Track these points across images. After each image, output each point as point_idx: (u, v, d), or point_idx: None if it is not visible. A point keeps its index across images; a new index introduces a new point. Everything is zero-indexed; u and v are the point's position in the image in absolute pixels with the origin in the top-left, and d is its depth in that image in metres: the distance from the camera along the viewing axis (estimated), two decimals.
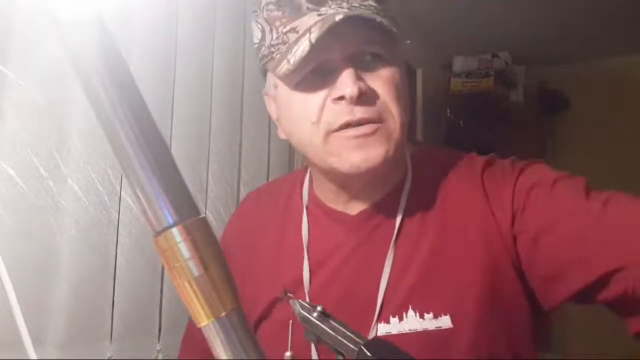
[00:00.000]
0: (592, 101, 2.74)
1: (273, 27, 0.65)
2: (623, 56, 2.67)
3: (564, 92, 2.83)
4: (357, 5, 0.62)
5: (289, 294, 0.60)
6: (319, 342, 0.53)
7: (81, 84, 0.29)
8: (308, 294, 0.68)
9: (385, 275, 0.66)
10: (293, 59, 0.62)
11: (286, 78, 0.65)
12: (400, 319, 0.64)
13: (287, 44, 0.63)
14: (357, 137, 0.62)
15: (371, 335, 0.63)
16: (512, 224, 0.64)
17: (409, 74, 0.73)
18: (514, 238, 0.64)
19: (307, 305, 0.54)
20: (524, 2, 2.16)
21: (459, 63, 2.73)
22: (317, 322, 0.53)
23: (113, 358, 0.92)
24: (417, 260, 0.66)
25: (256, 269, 0.73)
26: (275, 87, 0.69)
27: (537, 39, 2.54)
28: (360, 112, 0.62)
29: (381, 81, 0.64)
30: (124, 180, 0.90)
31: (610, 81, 2.69)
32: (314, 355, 0.65)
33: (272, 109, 0.72)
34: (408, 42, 0.69)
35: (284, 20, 0.64)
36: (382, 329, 0.64)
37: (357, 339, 0.51)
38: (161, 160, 0.29)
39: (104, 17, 0.29)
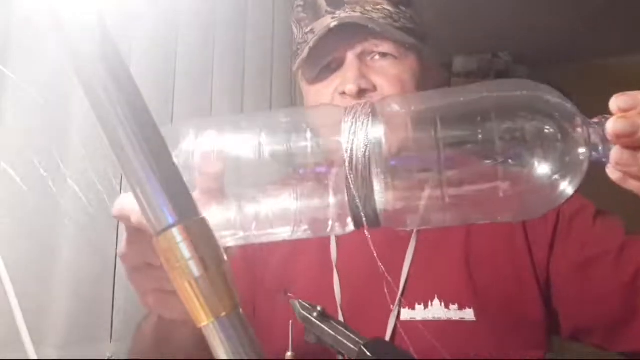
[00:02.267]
0: (592, 101, 2.74)
1: (299, 27, 0.75)
2: (623, 56, 2.66)
3: (564, 92, 2.83)
4: (370, 9, 0.69)
5: (289, 294, 0.60)
6: (319, 342, 0.53)
7: (81, 84, 0.29)
8: (336, 266, 0.72)
9: (407, 262, 0.69)
10: (297, 61, 0.71)
11: (302, 73, 0.74)
12: (426, 306, 0.66)
13: (307, 43, 0.71)
14: None
15: (392, 319, 0.66)
16: (552, 244, 0.69)
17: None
18: (548, 257, 0.69)
19: (307, 305, 0.54)
20: (525, 2, 2.16)
21: (459, 63, 2.73)
22: (317, 322, 0.53)
23: (113, 358, 0.92)
24: (441, 253, 0.70)
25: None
26: (302, 79, 0.77)
27: (537, 38, 2.54)
28: None
29: (386, 77, 0.69)
30: (124, 180, 0.90)
31: (610, 81, 2.69)
32: None
33: None
34: (414, 43, 0.73)
35: (307, 21, 0.73)
36: (407, 315, 0.66)
37: (357, 339, 0.51)
38: (161, 160, 0.29)
39: (104, 16, 0.29)
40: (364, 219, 0.39)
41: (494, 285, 0.68)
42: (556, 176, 0.36)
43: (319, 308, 0.54)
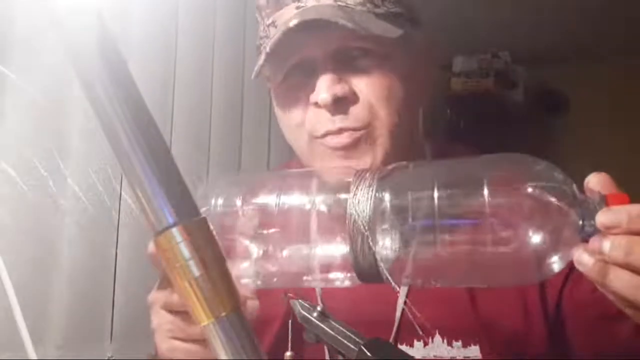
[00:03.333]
0: (592, 101, 2.74)
1: (261, 18, 0.61)
2: (623, 56, 2.66)
3: (564, 92, 2.83)
4: None
5: (288, 294, 0.60)
6: (319, 342, 0.53)
7: (81, 84, 0.29)
8: (320, 298, 0.64)
9: (402, 294, 0.61)
10: (256, 66, 0.58)
11: (266, 79, 0.62)
12: (425, 344, 0.59)
13: (269, 39, 0.57)
14: (336, 149, 0.57)
15: None
16: (568, 274, 0.62)
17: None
18: (562, 286, 0.61)
19: (307, 305, 0.54)
20: (525, 2, 2.16)
21: (459, 63, 2.73)
22: (317, 322, 0.53)
23: (113, 358, 0.92)
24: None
25: None
26: (268, 80, 0.64)
27: (537, 39, 2.54)
28: (339, 120, 0.57)
29: (368, 80, 0.57)
30: (124, 180, 0.90)
31: (610, 81, 2.69)
32: (327, 355, 0.60)
33: None
34: (398, 33, 0.59)
35: (268, 10, 0.59)
36: None
37: (357, 339, 0.51)
38: (161, 160, 0.29)
39: (104, 16, 0.29)
40: (365, 274, 0.42)
41: (501, 319, 0.60)
42: (548, 249, 0.38)
43: (318, 308, 0.54)
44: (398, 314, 0.61)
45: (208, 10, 1.23)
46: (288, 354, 0.55)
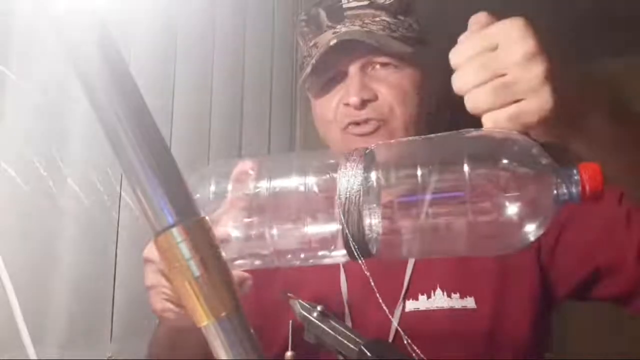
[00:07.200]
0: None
1: (303, 41, 0.79)
2: (623, 57, 2.67)
3: None
4: (369, 21, 0.73)
5: (288, 294, 0.60)
6: (318, 342, 0.53)
7: (82, 85, 0.29)
8: (342, 264, 0.74)
9: (410, 261, 0.72)
10: (302, 75, 0.76)
11: (307, 86, 0.78)
12: (429, 296, 0.69)
13: (311, 57, 0.75)
14: (361, 135, 0.73)
15: (398, 311, 0.69)
16: (565, 224, 0.69)
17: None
18: (557, 237, 0.69)
19: (307, 305, 0.54)
20: (524, 2, 2.16)
21: None
22: (317, 322, 0.53)
23: (113, 358, 0.92)
24: None
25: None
26: (308, 91, 0.81)
27: None
28: (364, 113, 0.72)
29: (388, 86, 0.73)
30: (124, 180, 0.90)
31: (610, 81, 2.69)
32: None
33: None
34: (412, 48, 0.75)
35: (310, 36, 0.77)
36: (410, 306, 0.70)
37: (357, 339, 0.51)
38: (161, 160, 0.29)
39: (104, 17, 0.29)
40: (355, 252, 0.44)
41: (495, 273, 0.70)
42: (526, 218, 0.40)
43: (319, 308, 0.54)
44: (408, 275, 0.71)
45: (208, 12, 1.23)
46: (288, 353, 0.55)
